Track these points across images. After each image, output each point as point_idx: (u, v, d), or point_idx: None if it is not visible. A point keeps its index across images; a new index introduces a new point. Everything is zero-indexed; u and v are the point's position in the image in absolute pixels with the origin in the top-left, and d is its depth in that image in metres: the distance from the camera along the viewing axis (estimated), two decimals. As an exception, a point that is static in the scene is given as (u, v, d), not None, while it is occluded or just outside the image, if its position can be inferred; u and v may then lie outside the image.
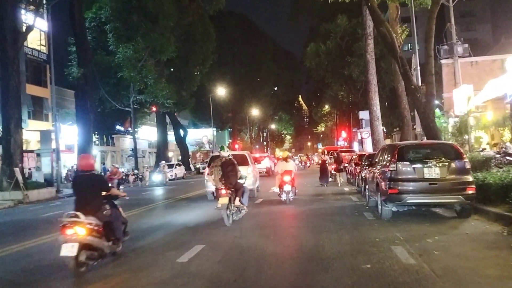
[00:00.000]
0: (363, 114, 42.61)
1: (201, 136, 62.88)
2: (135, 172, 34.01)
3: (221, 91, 54.80)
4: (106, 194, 6.53)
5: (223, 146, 11.14)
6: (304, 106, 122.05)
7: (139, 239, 8.17)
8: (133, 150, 39.48)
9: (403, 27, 23.96)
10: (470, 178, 8.77)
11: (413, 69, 19.37)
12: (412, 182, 8.77)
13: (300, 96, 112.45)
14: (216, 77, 53.64)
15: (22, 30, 23.98)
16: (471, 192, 8.57)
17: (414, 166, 8.83)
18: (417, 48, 19.29)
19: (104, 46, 34.45)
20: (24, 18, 27.31)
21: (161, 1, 33.78)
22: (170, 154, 53.87)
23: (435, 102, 18.15)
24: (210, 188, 14.67)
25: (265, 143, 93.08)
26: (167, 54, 35.20)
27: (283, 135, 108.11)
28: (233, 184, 9.75)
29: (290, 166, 13.91)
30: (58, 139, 25.94)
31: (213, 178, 9.92)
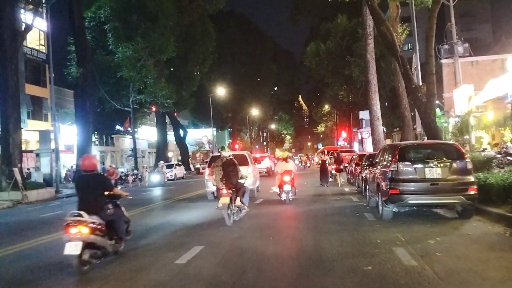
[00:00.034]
0: (363, 114, 42.52)
1: (201, 136, 62.80)
2: (135, 172, 33.92)
3: (221, 91, 54.70)
4: (109, 193, 6.62)
5: (224, 146, 11.21)
6: (304, 106, 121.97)
7: (138, 240, 8.08)
8: (132, 150, 39.38)
9: (404, 27, 23.90)
10: (472, 178, 8.69)
11: (413, 68, 19.29)
12: (413, 183, 8.68)
13: (300, 96, 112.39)
14: (216, 77, 53.56)
15: (21, 30, 23.91)
16: (473, 192, 8.48)
17: (415, 166, 8.74)
18: (417, 47, 19.19)
19: (103, 46, 34.36)
20: (23, 18, 27.25)
21: (160, 0, 33.66)
22: (170, 154, 53.79)
23: (436, 102, 18.06)
24: (211, 188, 14.76)
25: (265, 143, 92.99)
26: (167, 53, 35.11)
27: (283, 135, 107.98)
28: (234, 184, 9.79)
29: (290, 166, 14.01)
30: (57, 139, 25.85)
31: (214, 178, 9.95)
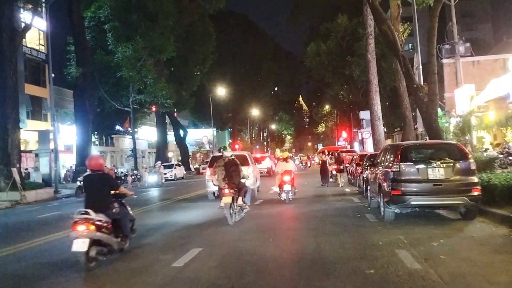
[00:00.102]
0: (364, 114, 42.39)
1: (201, 136, 62.66)
2: (134, 172, 33.80)
3: (221, 91, 54.57)
4: (115, 192, 6.82)
5: (226, 147, 11.33)
6: (304, 106, 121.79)
7: (135, 241, 7.88)
8: (132, 150, 39.25)
9: (405, 26, 23.75)
10: (475, 179, 8.53)
11: (415, 68, 19.14)
12: (415, 183, 8.52)
13: (300, 96, 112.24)
14: (216, 77, 53.42)
15: (20, 29, 23.81)
16: (477, 193, 8.32)
17: (417, 166, 8.58)
18: (419, 47, 19.06)
19: (103, 46, 34.26)
20: (22, 17, 27.14)
21: (160, 0, 33.56)
22: (170, 154, 53.66)
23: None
24: (211, 188, 14.88)
25: (265, 143, 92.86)
26: (167, 53, 35.00)
27: (283, 135, 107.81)
28: (236, 183, 9.89)
29: (290, 166, 14.16)
30: (56, 139, 25.72)
31: (216, 178, 10.02)
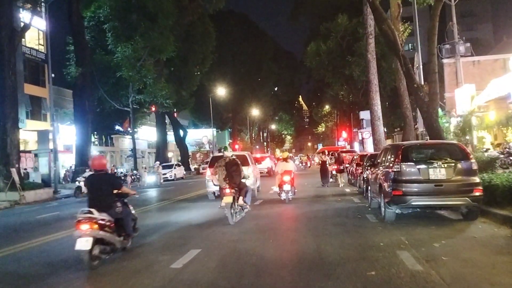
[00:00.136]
0: (364, 114, 42.31)
1: (201, 136, 62.60)
2: (134, 172, 33.72)
3: (221, 91, 54.50)
4: (117, 192, 6.91)
5: (227, 147, 11.47)
6: (304, 106, 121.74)
7: (134, 242, 7.80)
8: (132, 150, 39.17)
9: (406, 25, 23.67)
10: (477, 179, 8.45)
11: (415, 67, 19.09)
12: (416, 184, 8.44)
13: (300, 96, 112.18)
14: (216, 77, 53.35)
15: (19, 29, 23.74)
16: (478, 194, 8.24)
17: (418, 166, 8.50)
18: (419, 46, 18.99)
19: (103, 46, 34.18)
20: (21, 17, 27.07)
21: (160, 0, 33.48)
22: (170, 154, 53.60)
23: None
24: (211, 188, 15.00)
25: (265, 144, 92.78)
26: (167, 53, 34.90)
27: (283, 136, 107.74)
28: (237, 183, 9.97)
29: (290, 166, 14.25)
30: (55, 139, 25.65)
31: (217, 178, 10.08)
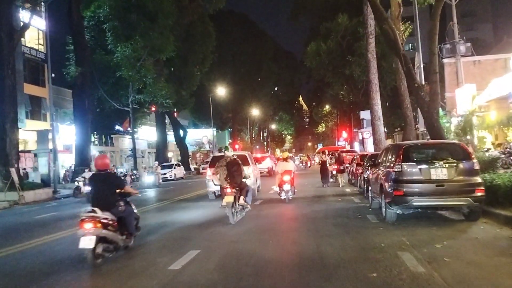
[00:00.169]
0: (364, 114, 42.27)
1: (201, 136, 62.52)
2: (134, 172, 33.64)
3: (221, 91, 54.43)
4: (120, 191, 6.99)
5: (228, 147, 11.54)
6: (304, 106, 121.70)
7: (134, 242, 7.76)
8: (132, 150, 39.09)
9: (406, 25, 23.58)
10: (479, 179, 8.36)
11: (416, 67, 19.02)
12: (418, 184, 8.35)
13: (300, 96, 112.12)
14: (216, 76, 53.29)
15: (18, 28, 23.66)
16: (480, 194, 8.15)
17: (420, 166, 8.41)
18: (420, 46, 18.91)
19: (102, 45, 34.09)
20: (21, 16, 27.00)
21: (160, -1, 33.45)
22: (170, 154, 53.53)
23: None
24: (212, 188, 15.10)
25: (265, 143, 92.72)
26: (166, 53, 34.84)
27: (284, 135, 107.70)
28: (238, 183, 10.02)
29: (290, 166, 14.34)
30: (55, 139, 25.57)
31: (218, 178, 10.15)
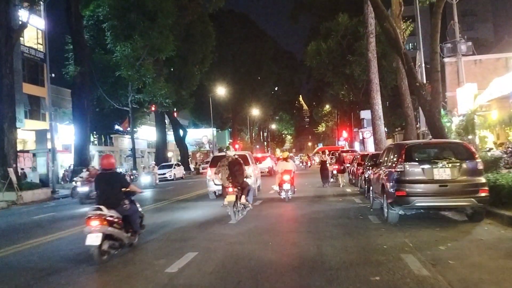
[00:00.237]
0: (365, 114, 42.11)
1: (201, 136, 62.38)
2: (133, 172, 33.48)
3: (221, 91, 54.29)
4: (125, 190, 7.14)
5: (229, 146, 11.70)
6: (304, 106, 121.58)
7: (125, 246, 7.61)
8: (131, 150, 38.94)
9: (407, 23, 23.41)
10: (483, 179, 8.19)
11: (417, 66, 18.86)
12: (420, 184, 8.18)
13: (300, 96, 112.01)
14: (216, 76, 53.14)
15: (16, 27, 23.51)
16: (484, 194, 7.98)
17: (422, 166, 8.25)
18: (421, 44, 18.78)
19: (102, 45, 33.96)
20: (19, 15, 26.83)
21: (160, -1, 33.27)
22: (170, 154, 53.37)
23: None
24: (212, 187, 15.31)
25: (265, 143, 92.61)
26: (166, 52, 34.67)
27: (284, 135, 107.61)
28: (240, 182, 10.14)
29: (290, 166, 14.49)
30: (54, 139, 25.40)
31: (220, 177, 10.25)
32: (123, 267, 6.23)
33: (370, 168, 12.33)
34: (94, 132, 40.13)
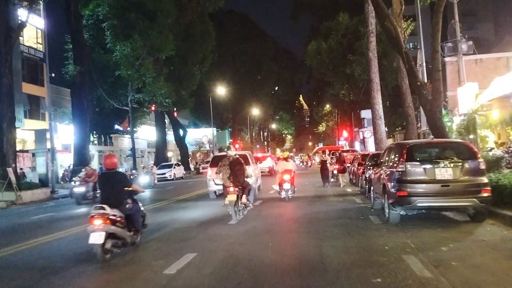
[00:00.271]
0: (365, 113, 42.08)
1: (201, 135, 62.31)
2: (133, 172, 33.40)
3: (221, 91, 54.20)
4: (127, 189, 7.21)
5: (230, 146, 11.73)
6: (305, 106, 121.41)
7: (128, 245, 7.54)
8: (131, 150, 38.86)
9: (408, 22, 23.33)
10: (485, 179, 8.10)
11: (418, 65, 18.79)
12: (422, 184, 8.10)
13: (300, 95, 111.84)
14: (216, 76, 53.07)
15: (16, 27, 23.43)
16: (487, 194, 7.90)
17: (424, 166, 8.16)
18: (422, 43, 18.70)
19: (101, 44, 33.87)
20: (19, 15, 26.76)
21: (159, -2, 33.19)
22: (170, 154, 53.30)
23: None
24: (213, 187, 15.43)
25: (265, 143, 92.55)
26: (166, 52, 34.58)
27: (284, 135, 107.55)
28: (241, 182, 10.18)
29: (290, 165, 14.55)
30: (53, 139, 25.31)
31: (221, 177, 10.28)
32: (122, 268, 6.16)
33: (371, 168, 12.26)
34: (94, 131, 40.04)
